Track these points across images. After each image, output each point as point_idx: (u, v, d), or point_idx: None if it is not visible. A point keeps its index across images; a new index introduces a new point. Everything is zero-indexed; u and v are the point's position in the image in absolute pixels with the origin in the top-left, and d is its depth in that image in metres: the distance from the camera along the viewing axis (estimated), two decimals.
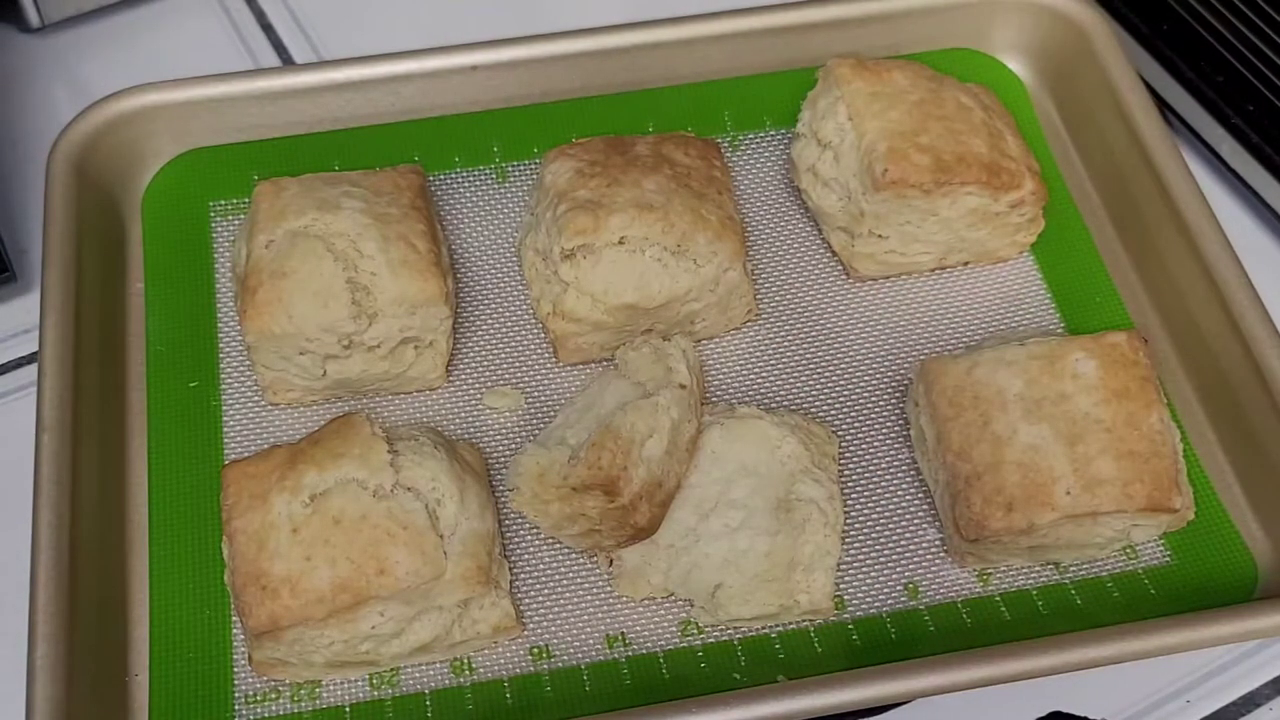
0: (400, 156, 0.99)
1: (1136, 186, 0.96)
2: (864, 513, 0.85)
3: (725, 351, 0.92)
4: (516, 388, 0.90)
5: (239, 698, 0.78)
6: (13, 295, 0.97)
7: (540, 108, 1.02)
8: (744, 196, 0.99)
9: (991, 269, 0.96)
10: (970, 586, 0.83)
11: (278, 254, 0.84)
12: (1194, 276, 0.91)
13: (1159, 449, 0.80)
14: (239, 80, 0.98)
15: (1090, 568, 0.84)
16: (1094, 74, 1.00)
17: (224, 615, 0.81)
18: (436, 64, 0.99)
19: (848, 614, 0.82)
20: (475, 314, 0.93)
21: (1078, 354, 0.82)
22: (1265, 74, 1.01)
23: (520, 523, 0.84)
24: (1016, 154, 0.92)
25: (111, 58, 1.10)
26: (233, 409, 0.88)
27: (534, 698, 0.78)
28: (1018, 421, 0.80)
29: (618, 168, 0.88)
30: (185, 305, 0.92)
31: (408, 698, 0.79)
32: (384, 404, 0.89)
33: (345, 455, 0.77)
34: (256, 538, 0.75)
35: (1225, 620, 0.78)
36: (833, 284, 0.95)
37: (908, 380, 0.90)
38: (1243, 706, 0.83)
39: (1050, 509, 0.78)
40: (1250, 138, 1.01)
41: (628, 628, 0.81)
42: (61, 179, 0.91)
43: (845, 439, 0.88)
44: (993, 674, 0.76)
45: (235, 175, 0.98)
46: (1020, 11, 1.04)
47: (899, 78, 0.92)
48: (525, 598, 0.82)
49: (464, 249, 0.96)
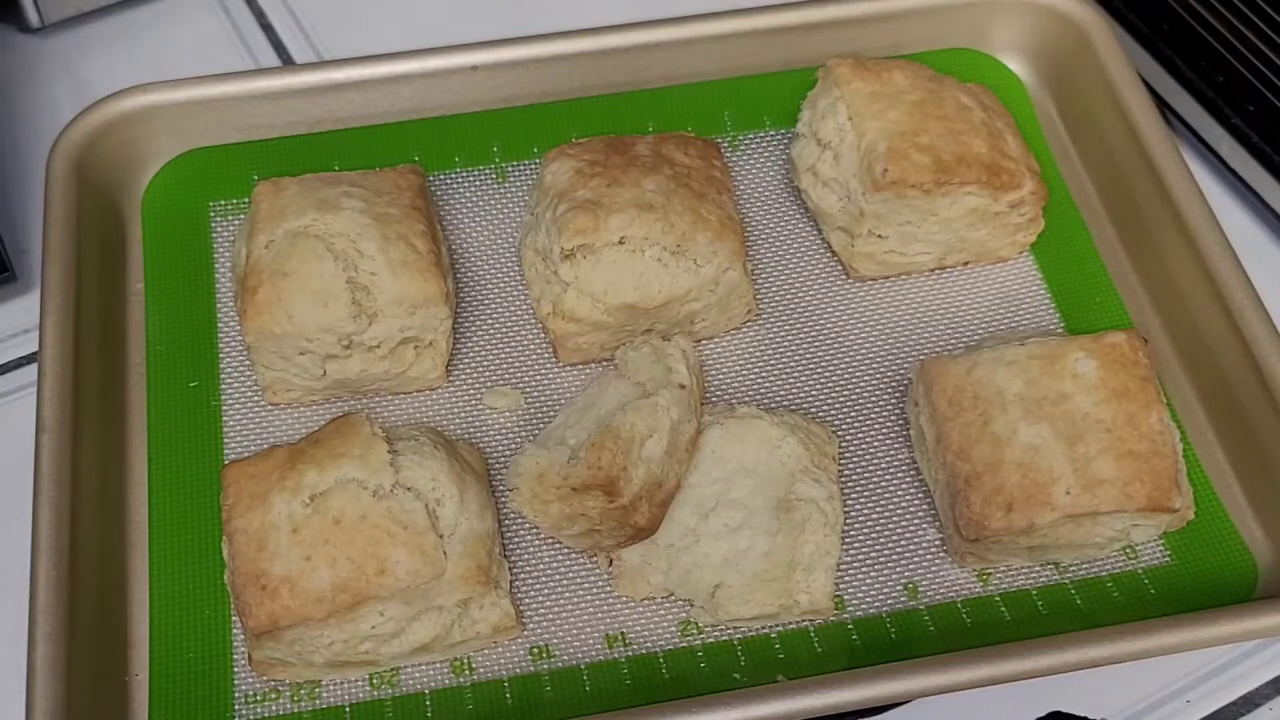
0: (400, 156, 0.99)
1: (1136, 186, 0.96)
2: (864, 513, 0.85)
3: (725, 351, 0.92)
4: (516, 388, 0.90)
5: (239, 698, 0.78)
6: (13, 295, 0.96)
7: (540, 108, 1.02)
8: (744, 196, 0.99)
9: (991, 269, 0.96)
10: (970, 586, 0.83)
11: (278, 254, 0.84)
12: (1194, 276, 0.91)
13: (1159, 449, 0.80)
14: (239, 80, 0.98)
15: (1090, 568, 0.84)
16: (1094, 74, 1.00)
17: (224, 615, 0.81)
18: (436, 64, 0.99)
19: (848, 614, 0.82)
20: (475, 314, 0.93)
21: (1078, 354, 0.82)
22: (1265, 74, 1.01)
23: (520, 523, 0.84)
24: (1016, 154, 0.92)
25: (111, 58, 1.10)
26: (233, 409, 0.88)
27: (534, 698, 0.78)
28: (1017, 421, 0.80)
29: (618, 168, 0.88)
30: (185, 305, 0.92)
31: (408, 698, 0.79)
32: (384, 404, 0.89)
33: (345, 455, 0.77)
34: (256, 538, 0.75)
35: (1225, 620, 0.78)
36: (833, 284, 0.95)
37: (908, 380, 0.90)
38: (1242, 706, 0.83)
39: (1050, 509, 0.78)
40: (1250, 138, 1.01)
41: (628, 628, 0.81)
42: (61, 179, 0.91)
43: (845, 439, 0.88)
44: (993, 674, 0.76)
45: (235, 175, 0.98)
46: (1020, 11, 1.04)
47: (899, 78, 0.92)
48: (525, 598, 0.82)
49: (464, 249, 0.96)
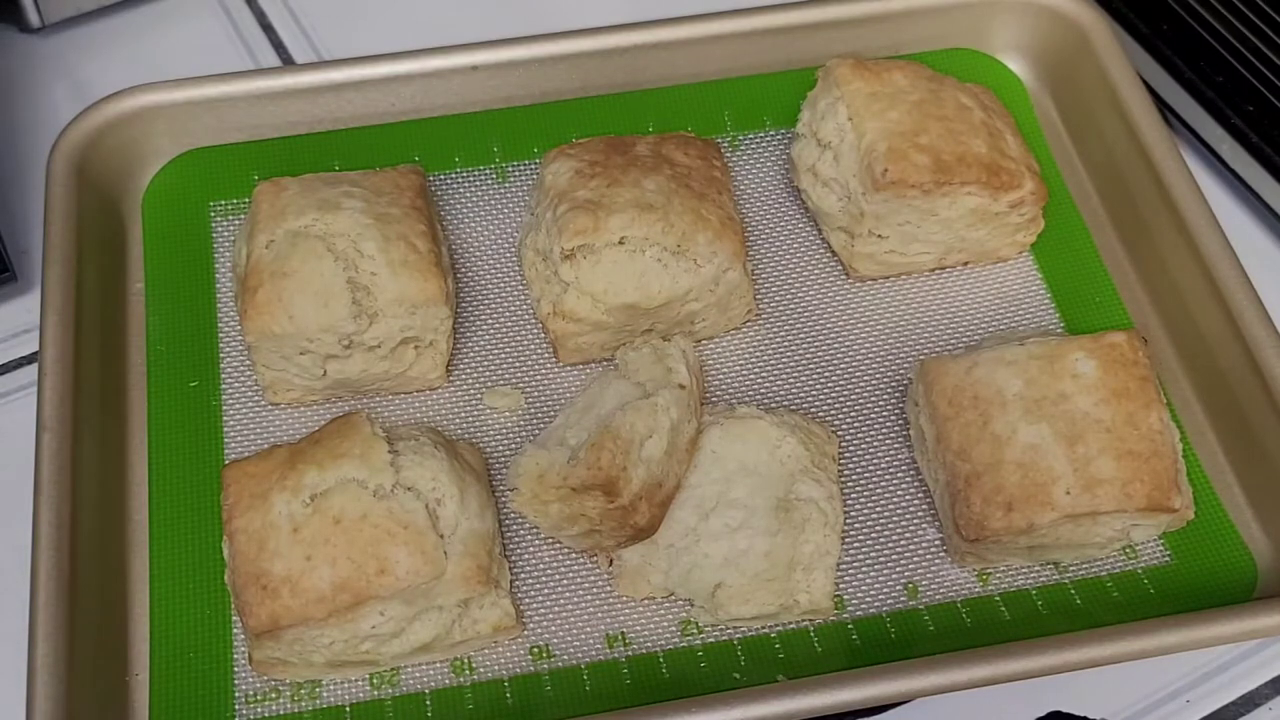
0: (400, 156, 0.99)
1: (1136, 186, 0.96)
2: (864, 513, 0.85)
3: (725, 351, 0.92)
4: (516, 388, 0.90)
5: (239, 697, 0.78)
6: (13, 295, 0.97)
7: (540, 108, 1.02)
8: (744, 196, 0.99)
9: (991, 269, 0.96)
10: (970, 586, 0.83)
11: (278, 254, 0.84)
12: (1194, 276, 0.91)
13: (1159, 449, 0.80)
14: (239, 80, 0.98)
15: (1090, 568, 0.84)
16: (1094, 74, 1.00)
17: (224, 615, 0.81)
18: (436, 64, 0.99)
19: (847, 614, 0.82)
20: (475, 314, 0.93)
21: (1077, 354, 0.82)
22: (1265, 74, 1.01)
23: (520, 523, 0.84)
24: (1016, 154, 0.92)
25: (111, 58, 1.10)
26: (233, 409, 0.88)
27: (534, 698, 0.78)
28: (1017, 421, 0.80)
29: (618, 168, 0.88)
30: (185, 305, 0.92)
31: (408, 697, 0.79)
32: (384, 404, 0.89)
33: (345, 455, 0.77)
34: (257, 537, 0.75)
35: (1225, 620, 0.78)
36: (833, 284, 0.95)
37: (908, 380, 0.90)
38: (1242, 706, 0.83)
39: (1050, 509, 0.78)
40: (1250, 138, 1.01)
41: (628, 627, 0.81)
42: (61, 179, 0.91)
43: (845, 439, 0.88)
44: (992, 674, 0.76)
45: (235, 175, 0.98)
46: (1020, 11, 1.04)
47: (899, 78, 0.92)
48: (525, 598, 0.82)
49: (464, 249, 0.96)
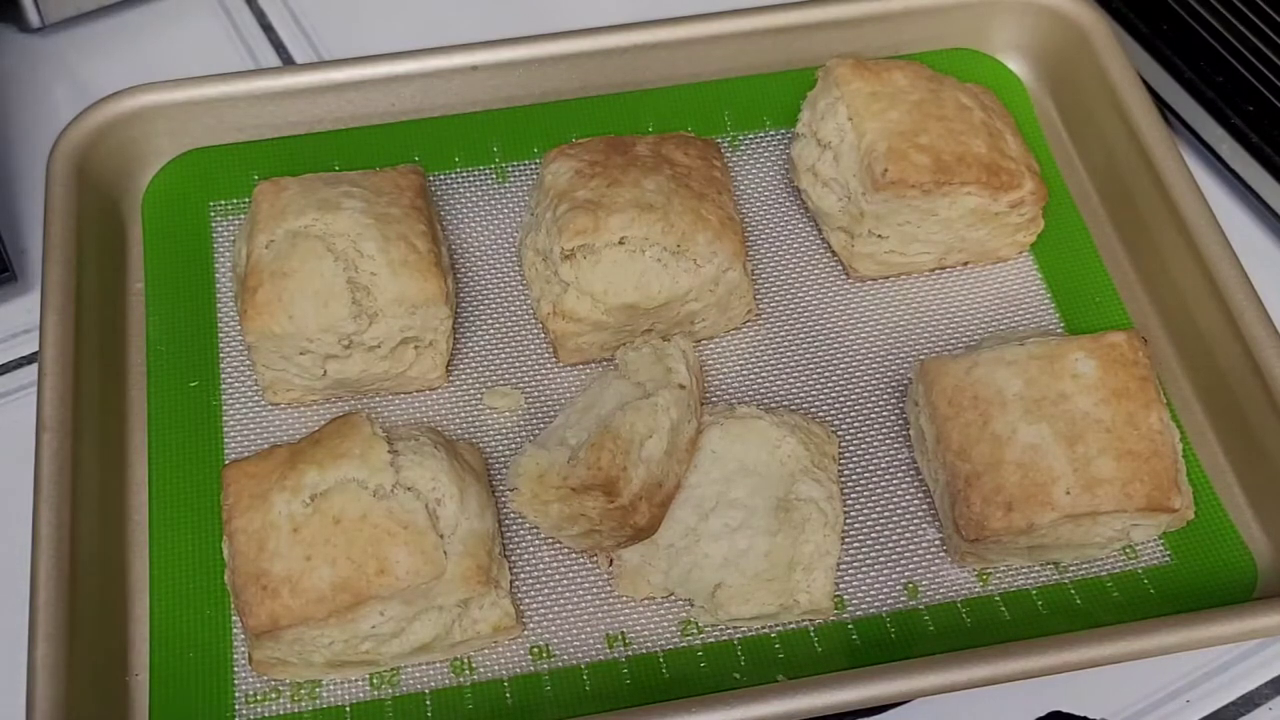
0: (400, 156, 0.99)
1: (1136, 186, 0.96)
2: (864, 513, 0.85)
3: (725, 351, 0.92)
4: (516, 388, 0.90)
5: (239, 698, 0.78)
6: (13, 295, 0.96)
7: (540, 108, 1.02)
8: (744, 196, 0.99)
9: (991, 269, 0.96)
10: (970, 586, 0.83)
11: (278, 254, 0.84)
12: (1194, 276, 0.91)
13: (1159, 449, 0.80)
14: (239, 80, 0.98)
15: (1090, 568, 0.84)
16: (1094, 74, 1.00)
17: (224, 615, 0.81)
18: (436, 64, 0.99)
19: (847, 614, 0.82)
20: (475, 314, 0.93)
21: (1077, 354, 0.82)
22: (1265, 74, 1.01)
23: (520, 523, 0.84)
24: (1016, 154, 0.92)
25: (111, 58, 1.10)
26: (233, 409, 0.88)
27: (534, 698, 0.78)
28: (1017, 421, 0.80)
29: (618, 168, 0.88)
30: (185, 305, 0.92)
31: (408, 697, 0.79)
32: (384, 404, 0.89)
33: (345, 455, 0.77)
34: (257, 537, 0.75)
35: (1225, 620, 0.78)
36: (833, 284, 0.95)
37: (907, 380, 0.90)
38: (1242, 706, 0.83)
39: (1050, 509, 0.78)
40: (1250, 138, 1.01)
41: (628, 627, 0.81)
42: (61, 179, 0.91)
43: (845, 439, 0.88)
44: (992, 674, 0.76)
45: (235, 175, 0.98)
46: (1020, 11, 1.04)
47: (899, 78, 0.92)
48: (525, 598, 0.82)
49: (464, 249, 0.96)
